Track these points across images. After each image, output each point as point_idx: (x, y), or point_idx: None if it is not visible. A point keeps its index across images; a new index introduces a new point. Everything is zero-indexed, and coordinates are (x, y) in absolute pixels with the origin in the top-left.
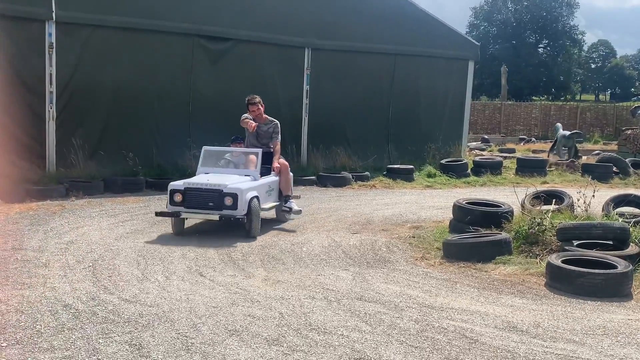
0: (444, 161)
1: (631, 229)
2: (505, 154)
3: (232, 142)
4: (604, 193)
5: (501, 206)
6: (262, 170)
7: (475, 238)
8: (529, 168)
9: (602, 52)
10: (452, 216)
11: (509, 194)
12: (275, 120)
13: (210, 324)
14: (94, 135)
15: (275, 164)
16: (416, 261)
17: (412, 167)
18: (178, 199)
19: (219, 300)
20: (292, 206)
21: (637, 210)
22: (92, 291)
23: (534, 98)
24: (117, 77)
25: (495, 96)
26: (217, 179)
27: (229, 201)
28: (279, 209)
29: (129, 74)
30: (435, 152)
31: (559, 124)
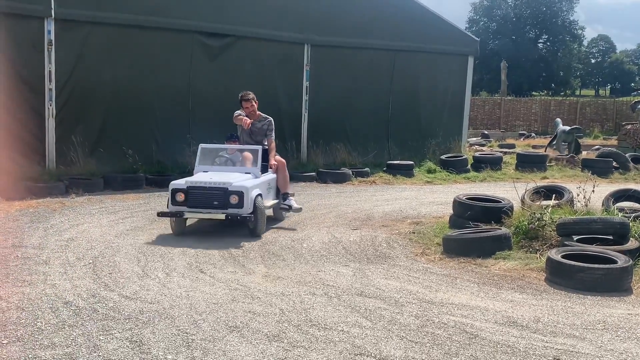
0: (443, 157)
1: (631, 223)
2: (505, 150)
3: (227, 140)
4: (604, 188)
5: (501, 201)
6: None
7: (475, 233)
8: (529, 163)
9: (602, 47)
10: (452, 212)
11: (508, 190)
12: (269, 117)
13: (211, 320)
14: (94, 132)
15: (272, 161)
16: (416, 257)
17: (412, 163)
18: (180, 198)
19: (219, 297)
20: (292, 204)
21: (637, 205)
22: (93, 288)
23: (534, 93)
24: (117, 74)
25: (495, 91)
26: (220, 177)
27: (234, 199)
28: (277, 207)
29: (129, 70)
30: (435, 147)
31: (558, 119)
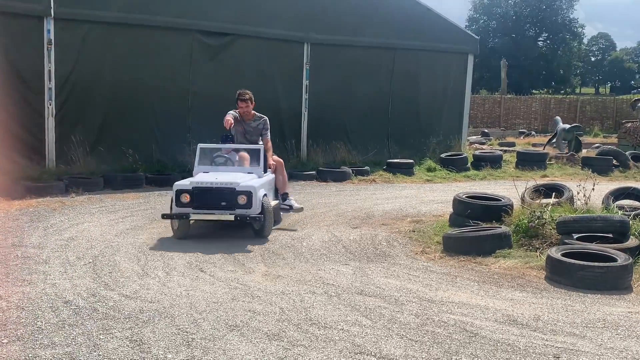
0: (443, 155)
1: (631, 221)
2: (505, 148)
3: (222, 142)
4: (604, 186)
5: (501, 200)
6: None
7: (476, 232)
8: (529, 162)
9: (602, 45)
10: (452, 210)
11: (509, 188)
12: (263, 116)
13: (211, 319)
14: (94, 132)
15: (270, 161)
16: (416, 255)
17: (412, 161)
18: (185, 199)
19: (219, 296)
20: (292, 204)
21: (637, 203)
22: (93, 287)
23: (534, 91)
24: (116, 73)
25: (495, 90)
26: (225, 177)
27: (242, 200)
28: (278, 207)
29: (128, 70)
30: (435, 146)
31: (558, 117)
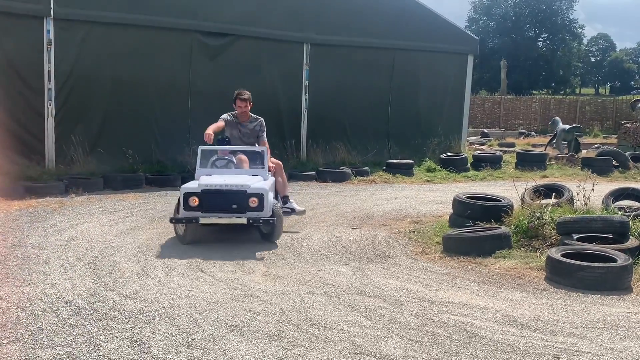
0: (443, 156)
1: (631, 222)
2: (505, 148)
3: (217, 143)
4: (604, 187)
5: (501, 200)
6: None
7: (475, 232)
8: (529, 162)
9: (602, 46)
10: (452, 210)
11: (508, 188)
12: (259, 117)
13: (211, 319)
14: (93, 132)
15: (269, 163)
16: (416, 256)
17: (412, 161)
18: (194, 203)
19: (219, 296)
20: (294, 207)
21: (636, 204)
22: (93, 288)
23: (534, 92)
24: (116, 73)
25: (494, 90)
26: (235, 179)
27: (254, 202)
28: None
29: (128, 70)
30: (435, 146)
31: (557, 118)
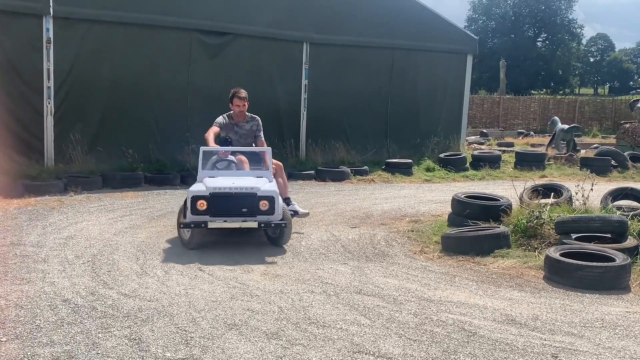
0: (442, 155)
1: (629, 222)
2: (504, 148)
3: (219, 143)
4: (603, 186)
5: (500, 200)
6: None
7: (474, 232)
8: (528, 162)
9: (601, 46)
10: (450, 210)
11: (507, 188)
12: (255, 116)
13: (210, 318)
14: (92, 130)
15: (268, 164)
16: (415, 255)
17: (411, 161)
18: (202, 206)
19: (218, 295)
20: (297, 209)
21: (635, 204)
22: (91, 286)
23: (533, 92)
24: (115, 72)
25: (494, 90)
26: (242, 182)
27: (264, 205)
28: None
29: (127, 68)
30: (434, 146)
31: (556, 117)
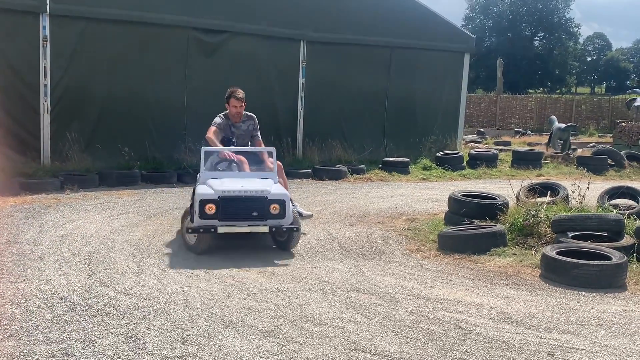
0: (439, 154)
1: (625, 220)
2: (500, 147)
3: (221, 143)
4: (599, 185)
5: (496, 198)
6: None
7: (471, 230)
8: (525, 161)
9: (598, 45)
10: (447, 208)
11: (504, 187)
12: (252, 114)
13: (206, 316)
14: (89, 129)
15: (268, 164)
16: (411, 253)
17: (408, 159)
18: (211, 211)
19: (214, 293)
20: (300, 210)
21: (631, 202)
22: (88, 284)
23: (530, 91)
24: (112, 70)
25: (491, 89)
26: (251, 184)
27: (275, 209)
28: None
29: (124, 67)
30: (431, 145)
31: (553, 117)
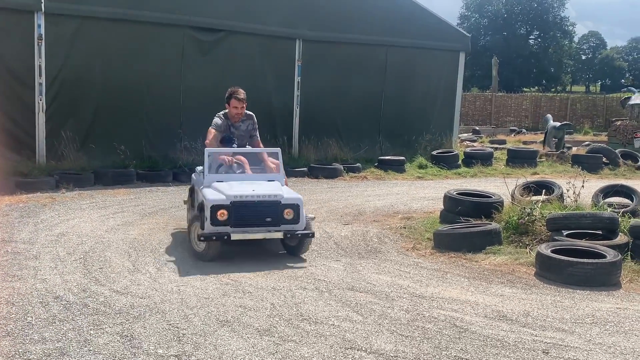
0: (435, 152)
1: (620, 219)
2: (496, 145)
3: (221, 143)
4: (594, 184)
5: (491, 197)
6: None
7: (466, 228)
8: (520, 159)
9: (593, 44)
10: (442, 207)
11: (499, 185)
12: (251, 112)
13: (202, 314)
14: (84, 127)
15: (268, 163)
16: (407, 251)
17: (404, 158)
18: (222, 217)
19: (210, 292)
20: None
21: (626, 200)
22: (83, 283)
23: (525, 89)
24: (107, 68)
25: (486, 87)
26: (262, 188)
27: (289, 214)
28: None
29: (119, 65)
30: (427, 143)
31: (548, 115)
